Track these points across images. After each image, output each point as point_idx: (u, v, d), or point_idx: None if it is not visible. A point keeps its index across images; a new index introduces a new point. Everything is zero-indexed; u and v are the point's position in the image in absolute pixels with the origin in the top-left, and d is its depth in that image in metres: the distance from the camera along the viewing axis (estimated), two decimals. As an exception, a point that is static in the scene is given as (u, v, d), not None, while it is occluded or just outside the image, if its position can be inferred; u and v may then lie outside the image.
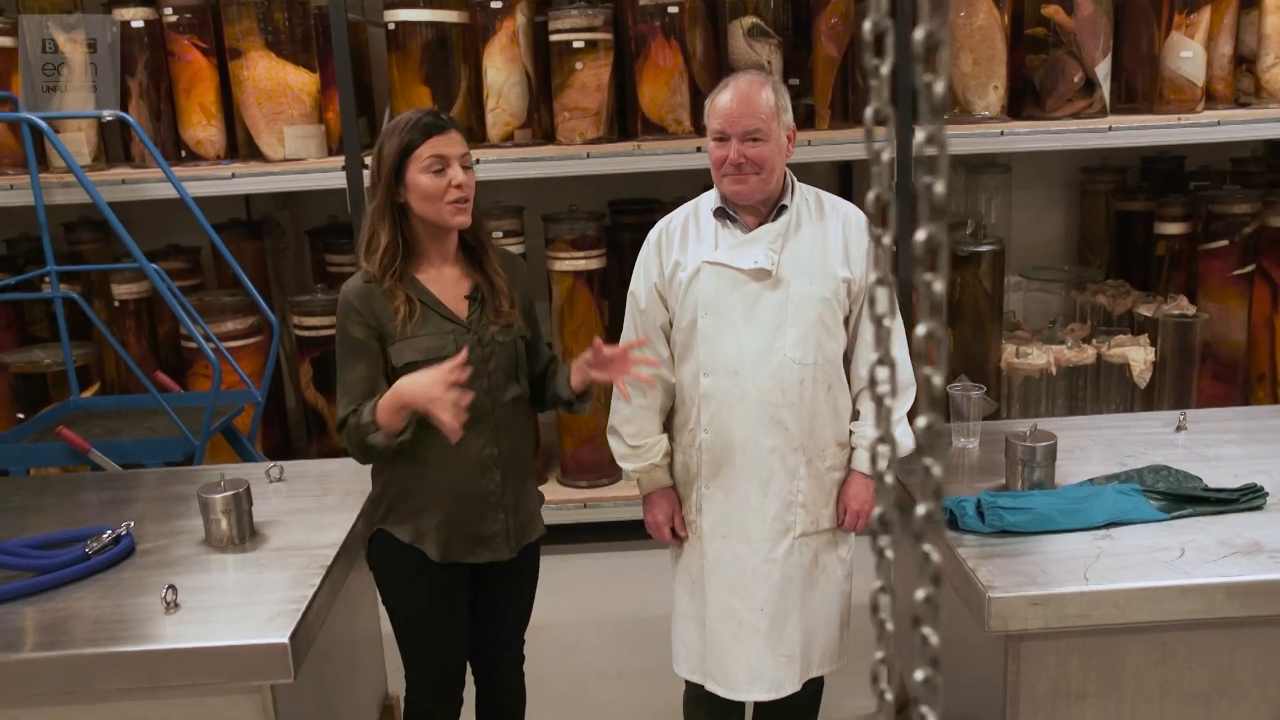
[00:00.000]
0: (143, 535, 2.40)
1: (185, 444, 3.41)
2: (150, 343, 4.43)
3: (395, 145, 2.13)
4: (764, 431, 2.32)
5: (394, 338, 2.15)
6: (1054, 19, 4.06)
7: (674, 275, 2.37)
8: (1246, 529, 2.18)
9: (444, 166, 2.12)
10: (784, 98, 2.30)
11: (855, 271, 2.33)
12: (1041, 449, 2.39)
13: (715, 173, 2.32)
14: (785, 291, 2.30)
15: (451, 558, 2.25)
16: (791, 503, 2.36)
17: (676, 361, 2.42)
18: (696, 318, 2.34)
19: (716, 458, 2.36)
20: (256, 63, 4.00)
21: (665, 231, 2.43)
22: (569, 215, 4.24)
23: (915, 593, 0.61)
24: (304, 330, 4.24)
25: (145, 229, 4.22)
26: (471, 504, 2.25)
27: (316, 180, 3.99)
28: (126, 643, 1.93)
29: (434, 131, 2.13)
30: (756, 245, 2.31)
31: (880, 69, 0.60)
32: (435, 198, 2.12)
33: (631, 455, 2.45)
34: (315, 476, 2.76)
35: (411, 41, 4.02)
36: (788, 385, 2.31)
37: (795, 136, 2.34)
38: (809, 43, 4.11)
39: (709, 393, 2.34)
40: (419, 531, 2.24)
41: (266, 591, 2.10)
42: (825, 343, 2.32)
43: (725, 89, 2.29)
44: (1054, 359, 4.13)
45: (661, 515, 2.47)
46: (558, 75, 4.03)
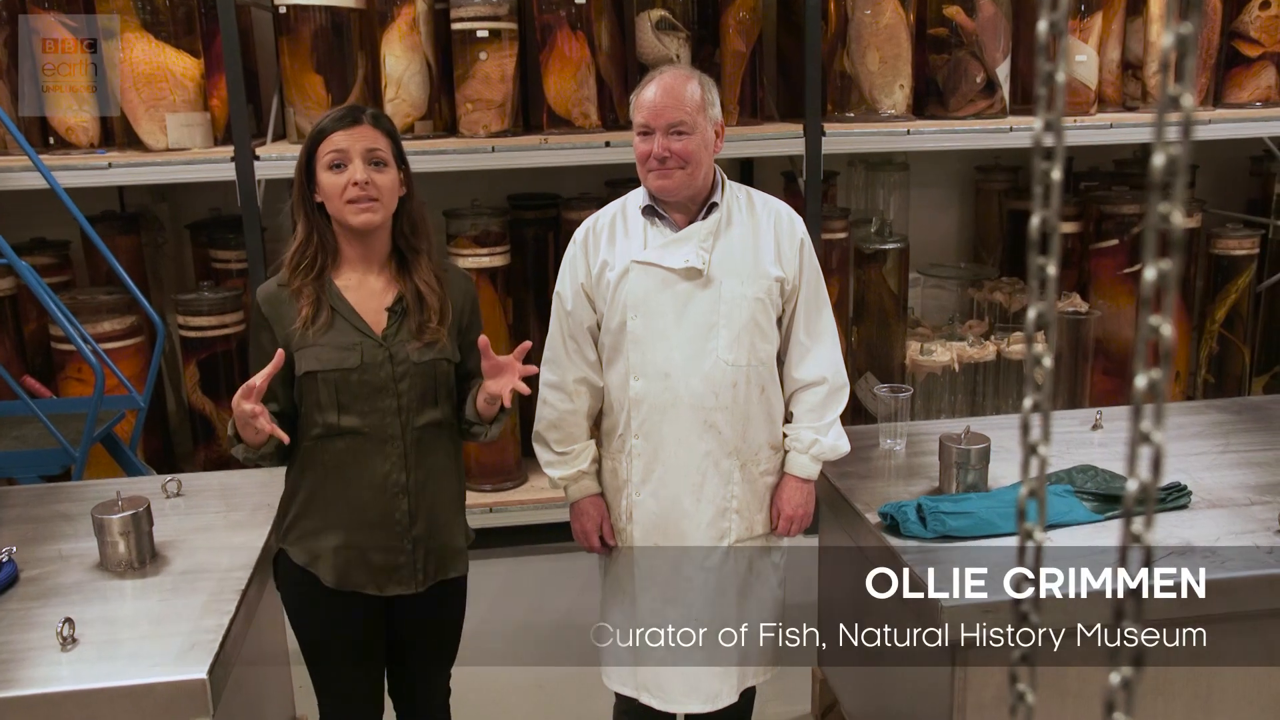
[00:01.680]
0: (25, 561, 2.18)
1: (63, 455, 3.15)
2: (16, 344, 4.10)
3: (306, 141, 2.02)
4: (697, 435, 2.26)
5: (300, 345, 2.00)
6: (955, 20, 4.11)
7: (601, 275, 2.29)
8: (1176, 528, 2.21)
9: (343, 163, 1.99)
10: (711, 92, 2.24)
11: (788, 270, 2.29)
12: (976, 451, 2.39)
13: (640, 168, 2.24)
14: (717, 291, 2.24)
15: (349, 586, 2.07)
16: (726, 509, 2.30)
17: (605, 365, 2.34)
18: (626, 319, 2.26)
19: (648, 463, 2.29)
20: (133, 44, 3.74)
21: (592, 230, 2.34)
22: (471, 211, 4.10)
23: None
24: (189, 331, 3.98)
25: (7, 221, 3.91)
26: (374, 531, 2.06)
27: (203, 171, 3.74)
28: (19, 685, 1.74)
29: (340, 126, 2.00)
30: (687, 244, 2.24)
31: (1055, 75, 0.53)
32: (334, 196, 1.99)
33: (558, 462, 2.36)
34: (216, 490, 2.58)
35: (303, 26, 3.81)
36: (720, 388, 2.25)
37: (724, 132, 2.28)
38: (717, 37, 4.06)
39: (640, 397, 2.27)
40: (314, 554, 2.07)
41: (176, 621, 1.93)
42: (758, 344, 2.27)
43: (650, 82, 2.22)
44: (956, 356, 4.19)
45: (590, 524, 2.38)
46: (460, 65, 3.88)
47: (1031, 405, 0.59)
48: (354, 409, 2.01)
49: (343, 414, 2.01)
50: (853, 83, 4.04)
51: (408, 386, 2.04)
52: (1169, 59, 0.47)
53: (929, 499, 2.28)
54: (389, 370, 2.03)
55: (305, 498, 2.08)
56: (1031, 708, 0.57)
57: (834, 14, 4.03)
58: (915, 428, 2.84)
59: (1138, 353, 0.51)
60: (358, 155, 1.99)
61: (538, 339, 2.40)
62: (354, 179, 1.98)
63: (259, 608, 2.32)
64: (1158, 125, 0.47)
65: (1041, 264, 0.58)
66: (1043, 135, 0.58)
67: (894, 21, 3.96)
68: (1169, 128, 0.49)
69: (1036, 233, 0.59)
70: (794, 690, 3.09)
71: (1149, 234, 0.50)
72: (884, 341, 4.30)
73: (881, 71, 3.99)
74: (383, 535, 2.07)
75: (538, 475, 4.28)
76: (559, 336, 2.35)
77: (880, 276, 4.24)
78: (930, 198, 5.07)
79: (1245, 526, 2.24)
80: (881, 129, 3.95)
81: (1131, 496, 0.54)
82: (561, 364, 2.34)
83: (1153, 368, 0.51)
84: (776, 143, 3.95)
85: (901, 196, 4.87)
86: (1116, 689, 0.51)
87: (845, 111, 4.06)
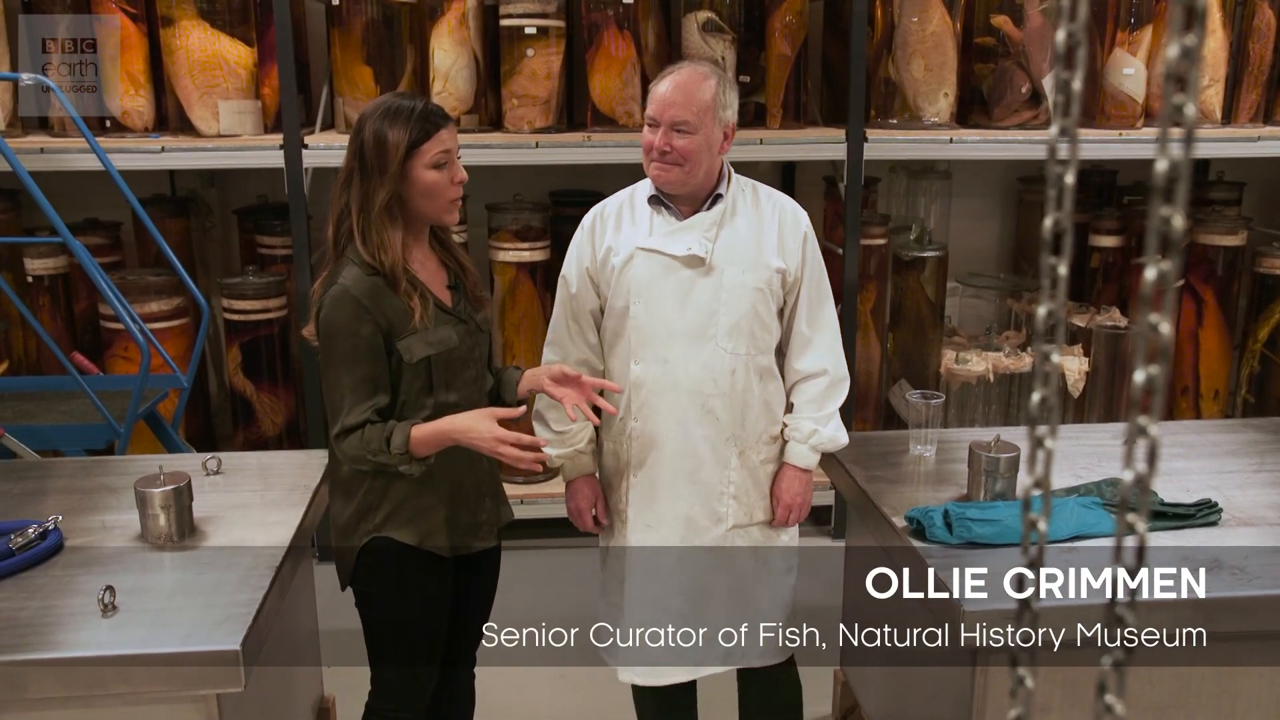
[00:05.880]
0: (70, 530, 2.25)
1: (108, 431, 3.23)
2: (66, 321, 4.20)
3: (402, 136, 2.00)
4: (694, 420, 2.31)
5: (403, 333, 2.04)
6: (1003, 29, 4.10)
7: (606, 260, 2.34)
8: (1205, 544, 2.21)
9: (449, 161, 2.05)
10: (727, 94, 2.26)
11: (789, 262, 2.33)
12: (1005, 460, 2.39)
13: (644, 157, 2.29)
14: (719, 280, 2.28)
15: (459, 551, 2.21)
16: (722, 494, 2.34)
17: (606, 349, 2.40)
18: (629, 304, 2.31)
19: (645, 446, 2.35)
20: (189, 32, 3.82)
21: (600, 216, 2.40)
22: (514, 205, 4.14)
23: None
24: (234, 314, 4.06)
25: (61, 202, 4.00)
26: (470, 495, 2.21)
27: (252, 158, 3.82)
28: (62, 648, 1.80)
29: (442, 124, 2.05)
30: (691, 232, 2.29)
31: (1071, 83, 0.55)
32: (439, 194, 2.05)
33: (556, 441, 2.42)
34: (255, 470, 2.63)
35: (355, 19, 3.88)
36: (719, 374, 2.29)
37: (734, 134, 2.30)
38: (762, 40, 4.08)
39: (639, 380, 2.32)
40: (426, 532, 2.14)
41: (212, 593, 1.98)
42: (758, 333, 2.32)
43: (667, 75, 2.26)
44: (992, 366, 4.18)
45: (584, 502, 2.44)
46: (507, 61, 3.93)
47: (1040, 400, 0.61)
48: (454, 385, 2.11)
49: (449, 392, 2.10)
50: (897, 89, 4.04)
51: (479, 355, 2.20)
52: (1174, 70, 0.49)
53: (956, 505, 2.29)
54: (468, 343, 2.15)
55: (415, 480, 2.10)
56: (1030, 692, 0.59)
57: (880, 20, 4.04)
58: (946, 435, 2.84)
59: (1136, 349, 0.53)
60: (455, 154, 2.07)
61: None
62: (458, 178, 2.07)
63: (292, 586, 2.38)
64: (1161, 136, 0.50)
65: (1053, 264, 0.61)
66: (1057, 143, 0.61)
67: (940, 29, 3.95)
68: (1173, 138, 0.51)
69: (1049, 234, 0.61)
70: (815, 692, 3.09)
71: (1150, 235, 0.52)
72: (919, 349, 4.29)
73: (926, 79, 3.99)
74: (474, 496, 2.22)
75: (569, 469, 4.32)
76: (563, 318, 2.41)
77: (918, 284, 4.24)
78: (971, 207, 5.05)
79: (1276, 544, 2.23)
80: (925, 136, 3.95)
81: (1127, 488, 0.56)
82: (564, 345, 2.41)
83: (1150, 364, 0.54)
84: (818, 147, 3.96)
85: (942, 205, 4.86)
86: (1109, 672, 0.54)
87: (889, 118, 4.06)
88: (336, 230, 2.07)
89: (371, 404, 2.02)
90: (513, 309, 4.13)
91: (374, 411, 2.02)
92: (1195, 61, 0.48)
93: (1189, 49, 0.48)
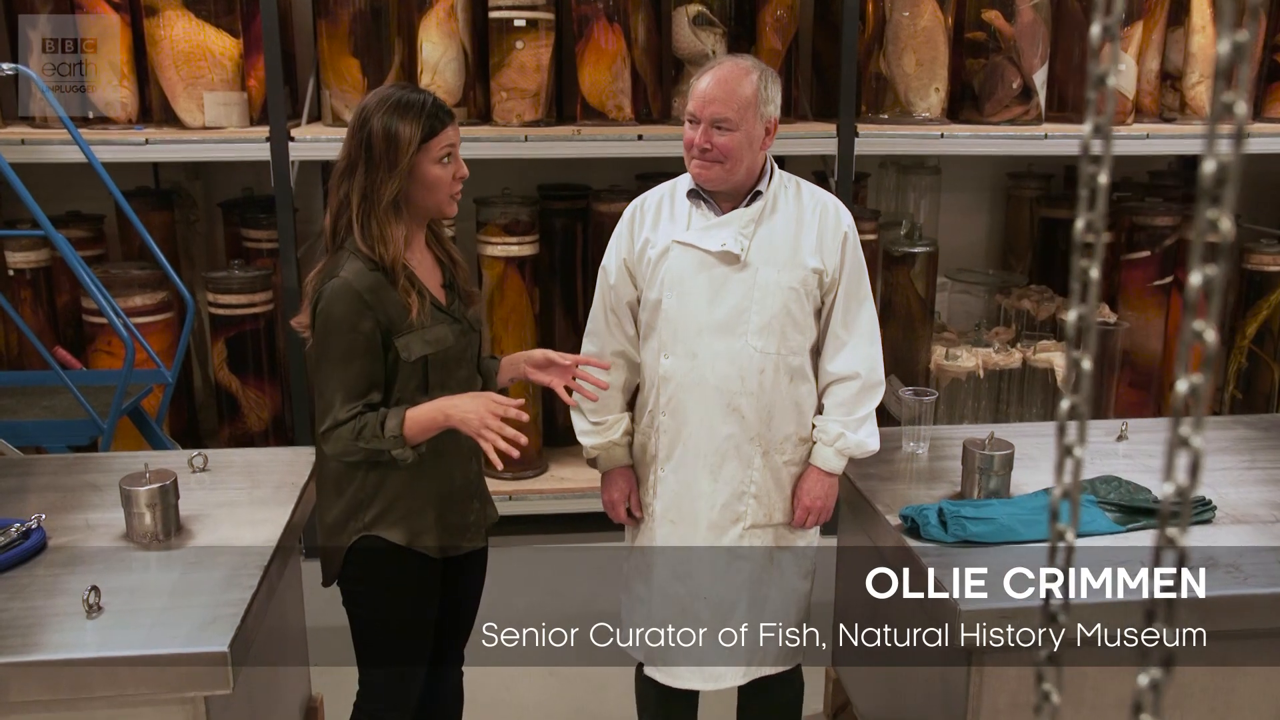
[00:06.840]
0: (53, 529, 2.21)
1: (91, 426, 3.19)
2: (48, 316, 4.15)
3: (415, 131, 1.97)
4: (720, 417, 2.29)
5: (402, 331, 2.01)
6: (994, 24, 4.08)
7: (644, 252, 2.33)
8: (1199, 543, 2.20)
9: (453, 157, 2.04)
10: (770, 89, 2.23)
11: (828, 262, 2.30)
12: (999, 458, 2.38)
13: (685, 154, 2.27)
14: (752, 277, 2.26)
15: (448, 552, 2.18)
16: (744, 493, 2.32)
17: (641, 340, 2.39)
18: (662, 296, 2.30)
19: (672, 440, 2.33)
20: (174, 23, 3.77)
21: (640, 209, 2.39)
22: (502, 199, 4.11)
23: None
24: (219, 308, 4.01)
25: (43, 194, 3.94)
26: (459, 496, 2.19)
27: (238, 150, 3.77)
28: (46, 650, 1.77)
29: (449, 120, 2.04)
30: (727, 228, 2.27)
31: (1106, 79, 0.53)
32: (441, 188, 2.04)
33: (592, 431, 2.41)
34: (241, 467, 2.60)
35: (342, 10, 3.83)
36: (747, 373, 2.27)
37: (776, 129, 2.27)
38: (753, 34, 4.05)
39: (668, 374, 2.31)
40: (416, 532, 2.11)
41: (198, 594, 1.95)
42: (790, 333, 2.29)
43: (708, 71, 2.24)
44: (982, 362, 4.17)
45: (618, 494, 2.43)
46: (496, 54, 3.90)
47: (1069, 408, 0.59)
48: (448, 385, 2.09)
49: (443, 391, 2.07)
50: (888, 84, 4.03)
51: (471, 355, 2.18)
52: (1222, 67, 0.47)
53: (950, 503, 2.28)
54: (462, 343, 2.13)
55: (406, 479, 2.07)
56: (1057, 708, 0.57)
57: (871, 15, 4.02)
58: (938, 432, 2.83)
59: (1178, 357, 0.51)
60: (458, 149, 2.07)
61: (563, 328, 2.44)
62: (460, 174, 2.06)
63: (280, 585, 2.34)
64: (1209, 132, 0.48)
65: (1084, 267, 0.58)
66: (1091, 141, 0.58)
67: (932, 24, 3.94)
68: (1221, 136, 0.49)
69: (1080, 236, 0.59)
70: (808, 690, 3.06)
71: (1196, 240, 0.50)
72: (909, 345, 4.28)
73: (917, 74, 3.98)
74: (464, 496, 2.20)
75: (558, 465, 4.30)
76: (601, 309, 2.41)
77: (908, 279, 4.23)
78: (961, 202, 5.04)
79: (1269, 543, 2.23)
80: (915, 131, 3.93)
81: (1168, 500, 0.54)
82: (601, 336, 2.40)
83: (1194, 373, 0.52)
84: (809, 142, 3.94)
85: (932, 200, 4.85)
86: (1145, 690, 0.52)
87: (879, 113, 4.05)
88: (335, 222, 2.04)
89: (364, 401, 1.99)
90: (501, 303, 4.10)
91: (365, 408, 1.99)
92: (1246, 58, 0.46)
93: (1240, 45, 0.46)
